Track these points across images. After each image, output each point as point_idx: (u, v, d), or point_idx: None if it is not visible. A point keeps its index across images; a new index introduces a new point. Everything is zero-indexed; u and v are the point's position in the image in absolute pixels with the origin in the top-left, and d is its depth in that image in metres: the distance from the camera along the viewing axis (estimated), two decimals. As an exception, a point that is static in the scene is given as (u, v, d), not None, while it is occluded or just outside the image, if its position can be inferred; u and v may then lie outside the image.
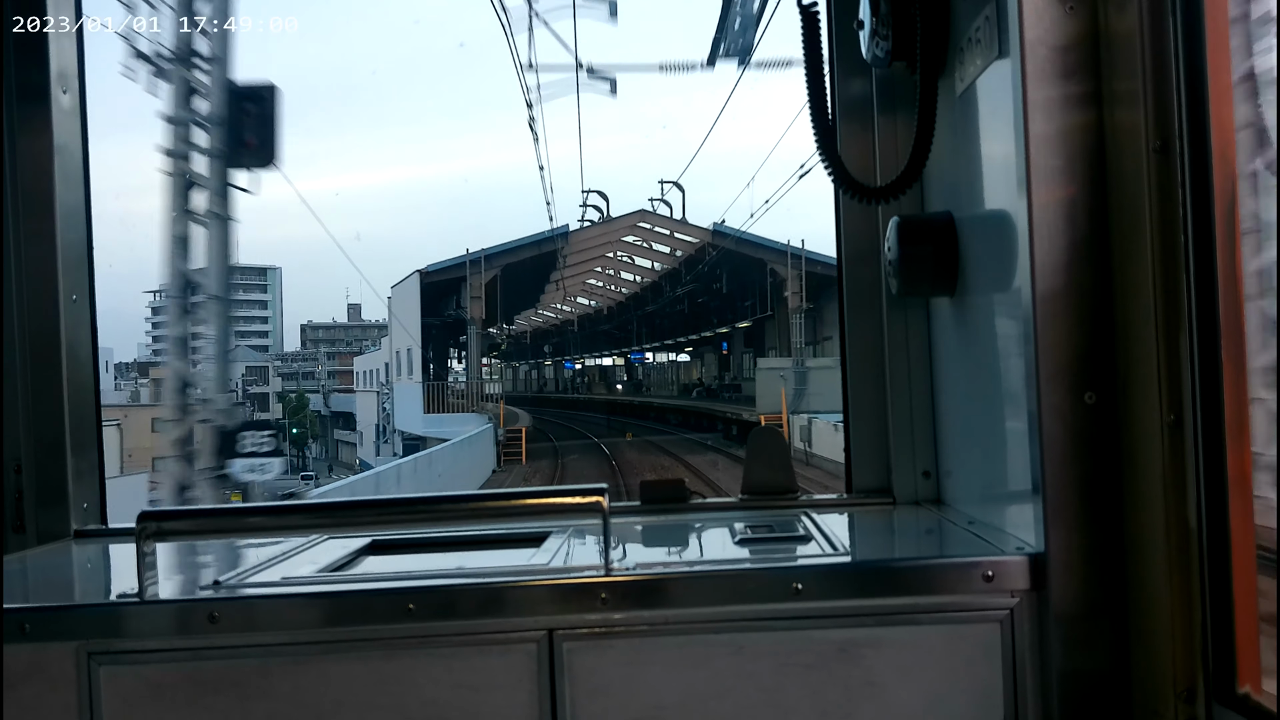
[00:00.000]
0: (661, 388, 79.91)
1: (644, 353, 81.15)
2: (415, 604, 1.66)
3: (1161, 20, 1.50)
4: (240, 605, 1.68)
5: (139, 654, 1.66)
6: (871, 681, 1.67)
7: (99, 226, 2.49)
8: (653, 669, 1.67)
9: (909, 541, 2.19)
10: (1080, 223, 1.62)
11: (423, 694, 1.66)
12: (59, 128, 2.28)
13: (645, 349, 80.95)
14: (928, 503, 2.31)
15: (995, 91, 1.79)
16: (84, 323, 2.36)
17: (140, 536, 1.67)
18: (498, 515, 2.13)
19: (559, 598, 1.68)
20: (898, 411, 2.34)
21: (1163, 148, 1.51)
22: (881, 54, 2.07)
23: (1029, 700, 1.66)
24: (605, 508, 1.72)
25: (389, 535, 2.21)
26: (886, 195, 2.03)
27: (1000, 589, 1.68)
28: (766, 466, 2.44)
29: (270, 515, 1.97)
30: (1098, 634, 1.63)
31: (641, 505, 2.39)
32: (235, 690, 1.65)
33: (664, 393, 73.83)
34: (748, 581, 1.71)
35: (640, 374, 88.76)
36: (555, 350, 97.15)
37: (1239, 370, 1.44)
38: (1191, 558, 1.50)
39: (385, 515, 2.03)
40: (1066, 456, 1.62)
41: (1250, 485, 1.44)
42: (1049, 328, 1.62)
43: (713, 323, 64.93)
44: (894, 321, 2.34)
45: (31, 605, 1.69)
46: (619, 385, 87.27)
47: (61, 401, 2.26)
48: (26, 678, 1.62)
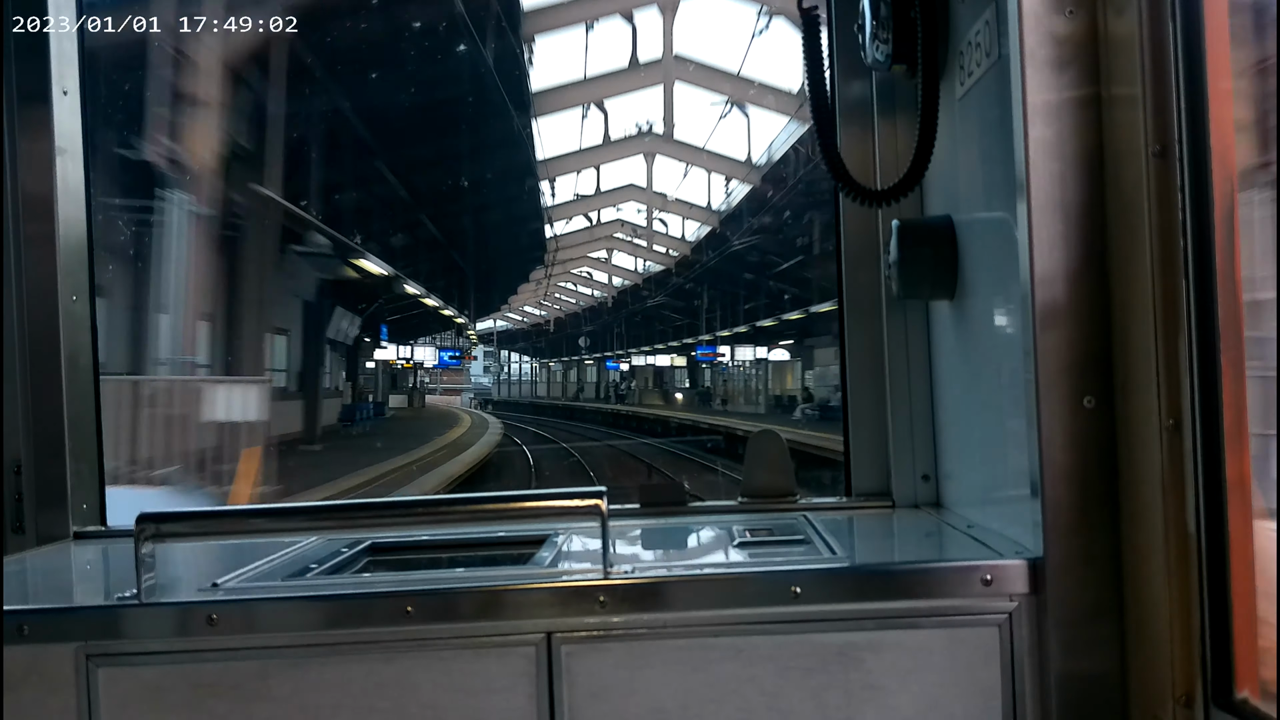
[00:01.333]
0: (743, 400, 51.33)
1: (717, 346, 49.84)
2: (414, 607, 1.66)
3: (1161, 24, 1.50)
4: (239, 607, 1.68)
5: (138, 656, 1.66)
6: (871, 685, 1.67)
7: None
8: (652, 672, 1.67)
9: (908, 545, 2.19)
10: (1080, 226, 1.62)
11: (421, 697, 1.66)
12: (59, 128, 2.28)
13: (725, 339, 49.35)
14: (927, 506, 2.31)
15: (995, 95, 1.79)
16: (84, 324, 2.36)
17: (139, 538, 1.67)
18: (497, 517, 2.13)
19: (558, 601, 1.68)
20: (897, 415, 2.34)
21: (1162, 151, 1.51)
22: (881, 57, 2.07)
23: (1028, 704, 1.66)
24: (604, 510, 1.72)
25: (388, 538, 2.21)
26: (888, 198, 2.03)
27: (999, 593, 1.68)
28: (766, 470, 2.43)
29: (269, 518, 1.97)
30: (1096, 638, 1.63)
31: (640, 508, 2.39)
32: (234, 692, 1.65)
33: (748, 408, 46.95)
34: (747, 585, 1.71)
35: (710, 377, 57.87)
36: (592, 345, 68.43)
37: (1238, 374, 1.44)
38: (1190, 562, 1.49)
39: (384, 517, 2.03)
40: (1065, 460, 1.62)
41: (1249, 489, 1.44)
42: (1048, 331, 1.62)
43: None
44: (894, 325, 2.34)
45: (30, 607, 1.69)
46: (678, 394, 58.94)
47: (61, 403, 2.26)
48: (25, 679, 1.62)
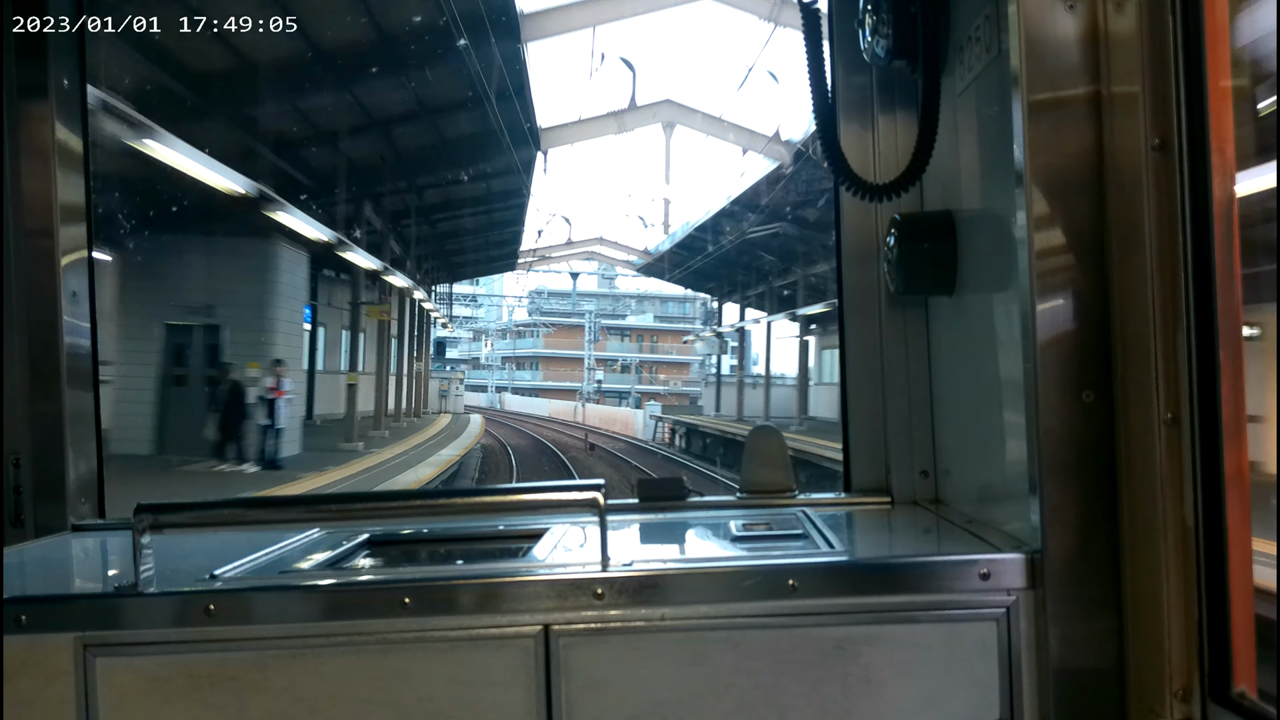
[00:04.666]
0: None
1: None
2: (412, 599, 1.67)
3: (1161, 19, 1.51)
4: (237, 598, 1.68)
5: (135, 646, 1.66)
6: (869, 679, 1.67)
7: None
8: (649, 665, 1.67)
9: (906, 540, 2.19)
10: (1078, 221, 1.62)
11: (418, 688, 1.66)
12: (59, 127, 2.28)
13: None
14: (925, 502, 2.31)
15: (994, 89, 1.79)
16: (83, 318, 2.36)
17: (137, 529, 1.67)
18: (495, 510, 2.13)
19: (556, 594, 1.69)
20: (896, 410, 2.34)
21: (1161, 146, 1.51)
22: (881, 52, 2.07)
23: (1025, 698, 1.66)
24: (602, 504, 1.72)
25: (386, 530, 2.21)
26: (889, 193, 2.03)
27: (997, 587, 1.68)
28: (764, 465, 2.44)
29: (267, 509, 1.98)
30: (1094, 632, 1.63)
31: (639, 503, 2.40)
32: (231, 683, 1.65)
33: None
34: (744, 579, 1.71)
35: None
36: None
37: (1236, 368, 1.44)
38: (1188, 556, 1.50)
39: (382, 510, 2.04)
40: (1064, 455, 1.63)
41: (1248, 483, 1.44)
42: (1047, 326, 1.62)
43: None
44: (892, 320, 2.34)
45: (28, 596, 1.69)
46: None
47: (60, 396, 2.27)
48: (23, 669, 1.63)
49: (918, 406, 2.32)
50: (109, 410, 10.97)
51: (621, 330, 66.46)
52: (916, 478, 2.33)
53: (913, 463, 2.33)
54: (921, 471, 2.32)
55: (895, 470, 2.34)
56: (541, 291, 72.10)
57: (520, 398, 49.86)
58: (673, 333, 65.41)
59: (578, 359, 62.52)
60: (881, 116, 2.31)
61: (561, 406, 48.53)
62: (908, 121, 2.11)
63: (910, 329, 2.33)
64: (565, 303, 68.14)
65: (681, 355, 63.94)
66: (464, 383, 50.05)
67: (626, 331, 65.17)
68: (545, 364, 70.73)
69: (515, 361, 72.98)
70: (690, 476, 19.74)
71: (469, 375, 65.70)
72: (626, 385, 57.99)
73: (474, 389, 59.78)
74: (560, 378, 64.85)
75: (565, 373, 64.82)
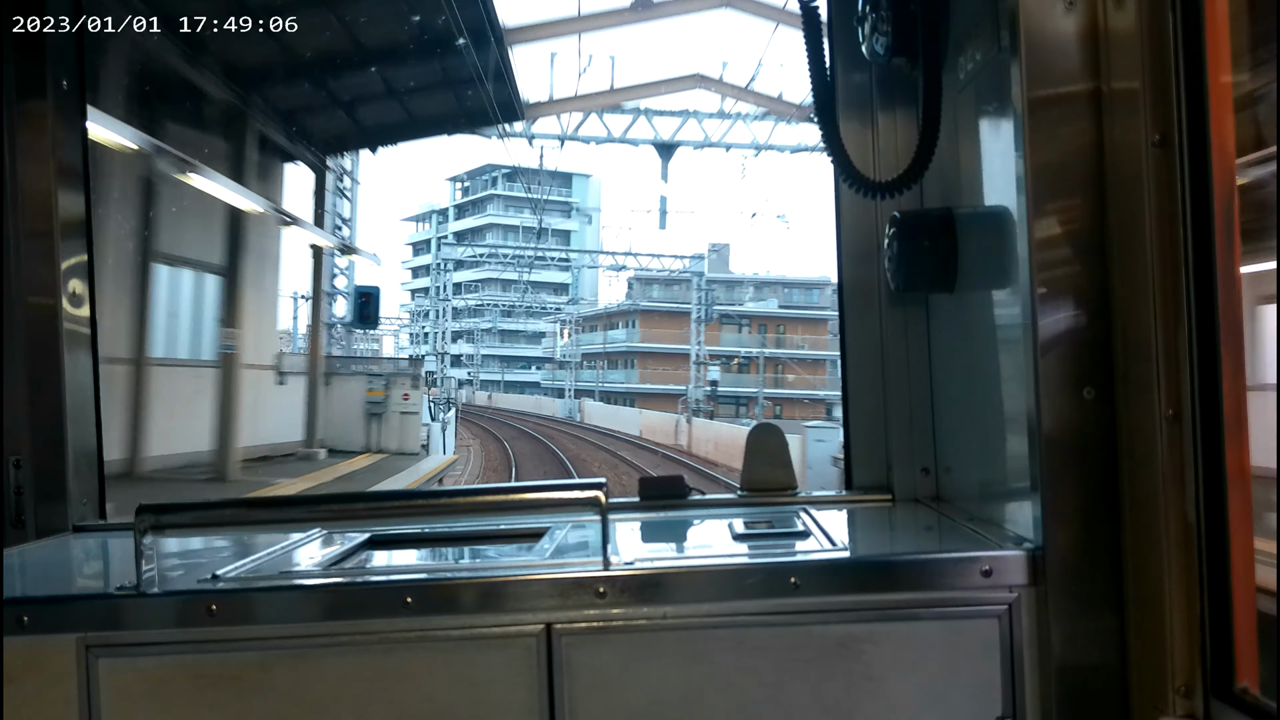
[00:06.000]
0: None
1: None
2: (414, 598, 1.66)
3: (1161, 15, 1.50)
4: (239, 598, 1.68)
5: (138, 647, 1.66)
6: (871, 676, 1.67)
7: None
8: (651, 664, 1.67)
9: (908, 537, 2.19)
10: (1079, 218, 1.62)
11: (421, 688, 1.66)
12: (59, 127, 2.28)
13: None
14: (927, 499, 2.31)
15: (994, 86, 1.79)
16: (83, 318, 2.36)
17: (138, 529, 1.67)
18: (496, 510, 2.13)
19: (558, 592, 1.68)
20: (897, 408, 2.33)
21: (1161, 142, 1.51)
22: (880, 49, 2.07)
23: (1027, 694, 1.66)
24: (604, 503, 1.72)
25: (388, 530, 2.21)
26: (890, 190, 2.03)
27: (999, 584, 1.68)
28: (765, 462, 2.43)
29: (268, 509, 1.98)
30: (1096, 628, 1.63)
31: (640, 501, 2.39)
32: (234, 683, 1.65)
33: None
34: (746, 576, 1.71)
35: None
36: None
37: (1238, 365, 1.44)
38: (1190, 552, 1.49)
39: (384, 509, 2.04)
40: (1065, 452, 1.62)
41: (1249, 479, 1.44)
42: (1048, 323, 1.62)
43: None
44: (893, 318, 2.34)
45: (30, 596, 1.69)
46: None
47: (61, 396, 2.27)
48: (25, 670, 1.63)
49: (918, 404, 2.32)
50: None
51: (739, 319, 47.29)
52: (918, 475, 2.32)
53: (914, 460, 2.33)
54: (923, 469, 2.32)
55: (896, 468, 2.34)
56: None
57: (607, 407, 36.70)
58: (807, 322, 50.47)
59: (681, 354, 43.95)
60: (881, 114, 2.31)
61: (657, 422, 33.47)
62: (907, 119, 2.11)
63: (911, 327, 2.33)
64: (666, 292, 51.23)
65: (821, 352, 48.07)
66: (440, 388, 31.19)
67: (745, 320, 47.27)
68: (641, 360, 53.85)
69: (607, 359, 57.73)
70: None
71: (552, 377, 48.81)
72: (750, 389, 41.06)
73: (551, 394, 43.87)
74: (658, 379, 51.31)
75: (664, 372, 50.66)
